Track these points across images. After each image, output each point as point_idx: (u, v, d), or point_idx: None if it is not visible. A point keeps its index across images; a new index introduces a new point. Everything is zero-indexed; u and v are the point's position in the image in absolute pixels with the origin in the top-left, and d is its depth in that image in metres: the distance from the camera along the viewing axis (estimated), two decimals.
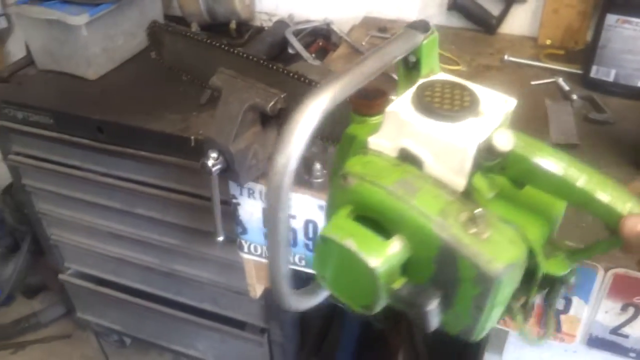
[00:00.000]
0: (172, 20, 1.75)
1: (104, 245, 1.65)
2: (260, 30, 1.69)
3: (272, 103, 0.93)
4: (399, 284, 0.47)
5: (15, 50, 2.11)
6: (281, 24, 1.61)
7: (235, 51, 1.02)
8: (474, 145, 0.45)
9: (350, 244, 0.47)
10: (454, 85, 0.51)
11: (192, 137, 1.23)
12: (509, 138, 0.44)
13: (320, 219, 1.08)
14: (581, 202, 0.44)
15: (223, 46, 1.05)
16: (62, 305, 2.18)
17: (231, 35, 1.68)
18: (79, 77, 1.51)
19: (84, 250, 1.71)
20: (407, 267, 0.48)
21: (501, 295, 0.44)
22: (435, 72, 0.55)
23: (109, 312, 1.87)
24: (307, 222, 1.11)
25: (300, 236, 1.13)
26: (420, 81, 0.52)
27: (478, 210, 0.44)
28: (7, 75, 1.56)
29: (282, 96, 0.93)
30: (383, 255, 0.46)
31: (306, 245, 1.15)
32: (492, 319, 0.47)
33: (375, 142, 0.51)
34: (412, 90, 0.51)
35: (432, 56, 0.55)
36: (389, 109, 0.50)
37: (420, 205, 0.45)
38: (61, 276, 1.82)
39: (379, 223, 0.48)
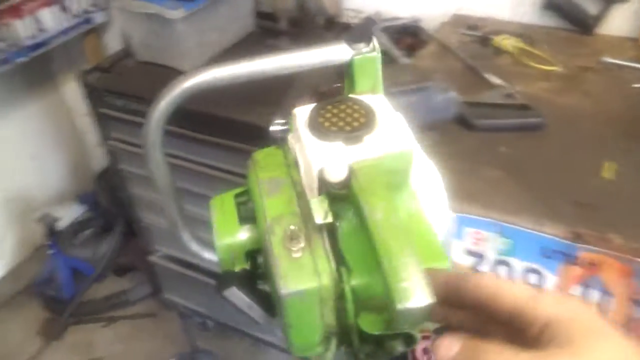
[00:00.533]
0: (262, 17, 1.79)
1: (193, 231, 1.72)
2: (347, 26, 1.71)
3: (326, 88, 1.03)
4: (238, 267, 0.50)
5: (112, 43, 2.23)
6: (369, 21, 1.61)
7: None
8: (317, 166, 0.43)
9: (214, 216, 0.51)
10: (362, 109, 0.48)
11: None
12: (340, 170, 0.42)
13: None
14: (378, 261, 0.39)
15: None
16: (150, 285, 2.27)
17: (319, 31, 1.70)
18: (174, 69, 1.58)
19: (173, 234, 1.78)
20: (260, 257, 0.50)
21: (296, 318, 0.43)
22: (375, 92, 0.52)
23: (194, 295, 1.93)
24: None
25: None
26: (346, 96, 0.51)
27: (292, 228, 0.43)
28: (108, 65, 1.65)
29: (334, 86, 0.98)
30: (229, 237, 0.49)
31: None
32: (298, 339, 0.44)
33: (289, 139, 0.52)
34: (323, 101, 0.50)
35: (369, 75, 0.51)
36: (294, 110, 0.50)
37: (267, 205, 0.46)
38: (150, 257, 1.91)
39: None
